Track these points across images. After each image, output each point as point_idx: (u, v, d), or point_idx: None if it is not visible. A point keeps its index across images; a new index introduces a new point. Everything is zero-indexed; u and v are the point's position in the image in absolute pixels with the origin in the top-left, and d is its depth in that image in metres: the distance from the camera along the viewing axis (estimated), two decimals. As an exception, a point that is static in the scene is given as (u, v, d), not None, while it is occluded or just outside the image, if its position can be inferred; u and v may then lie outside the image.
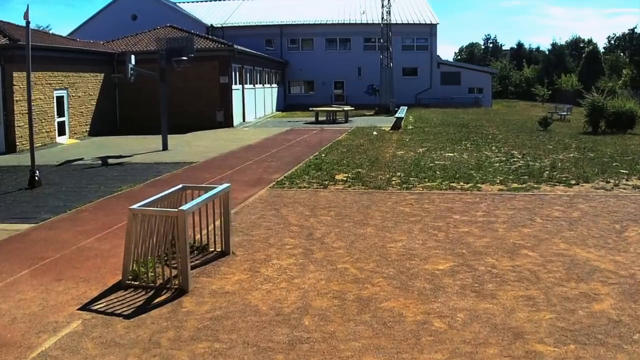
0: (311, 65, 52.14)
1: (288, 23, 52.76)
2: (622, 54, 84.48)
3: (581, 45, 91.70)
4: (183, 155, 20.17)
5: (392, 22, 44.29)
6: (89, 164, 18.82)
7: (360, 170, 15.59)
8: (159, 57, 21.42)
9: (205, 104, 32.07)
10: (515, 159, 17.61)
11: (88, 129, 29.79)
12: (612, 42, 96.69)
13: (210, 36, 33.47)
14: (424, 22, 52.39)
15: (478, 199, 11.89)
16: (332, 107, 36.18)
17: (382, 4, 44.22)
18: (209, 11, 56.94)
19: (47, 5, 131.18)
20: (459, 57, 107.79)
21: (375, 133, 26.06)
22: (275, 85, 47.79)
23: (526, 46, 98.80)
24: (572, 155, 18.57)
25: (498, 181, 13.78)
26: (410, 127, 29.24)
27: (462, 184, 13.53)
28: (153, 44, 33.16)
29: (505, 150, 19.82)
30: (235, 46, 32.38)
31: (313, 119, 34.79)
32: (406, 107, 39.06)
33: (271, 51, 52.14)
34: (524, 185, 13.24)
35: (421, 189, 12.98)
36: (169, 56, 21.07)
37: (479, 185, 13.31)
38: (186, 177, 15.29)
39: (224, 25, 53.22)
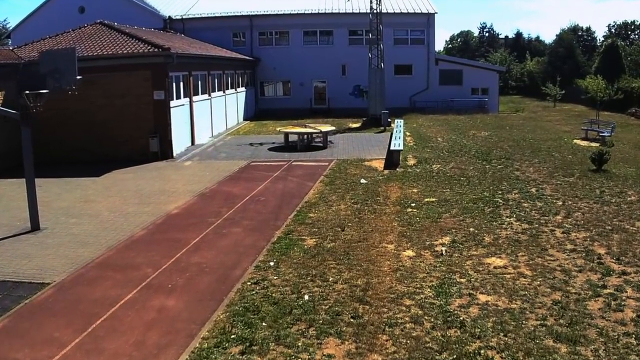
0: (287, 62, 43.85)
1: (259, 13, 44.27)
2: (623, 43, 76.75)
3: (579, 34, 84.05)
4: (45, 254, 12.06)
5: (382, 11, 35.93)
6: None
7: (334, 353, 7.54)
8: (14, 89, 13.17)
9: (135, 129, 23.83)
10: (618, 283, 9.66)
11: (-15, 167, 21.61)
12: (613, 30, 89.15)
13: (143, 37, 25.04)
14: (419, 11, 44.10)
15: None
16: (306, 126, 27.92)
17: (371, -10, 35.87)
18: (169, 0, 48.08)
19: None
20: (449, 45, 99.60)
21: (363, 181, 17.97)
22: (242, 88, 39.47)
23: (525, 35, 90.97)
24: (703, 258, 10.67)
25: None
26: (412, 163, 21.17)
27: None
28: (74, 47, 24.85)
29: (580, 241, 11.84)
30: (173, 50, 23.97)
31: (288, 130, 26.63)
32: (402, 121, 31.02)
33: (240, 47, 43.86)
34: None
35: None
36: (23, 86, 12.80)
37: None
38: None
39: (184, 16, 44.65)
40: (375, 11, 35.17)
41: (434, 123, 35.23)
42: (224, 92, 33.84)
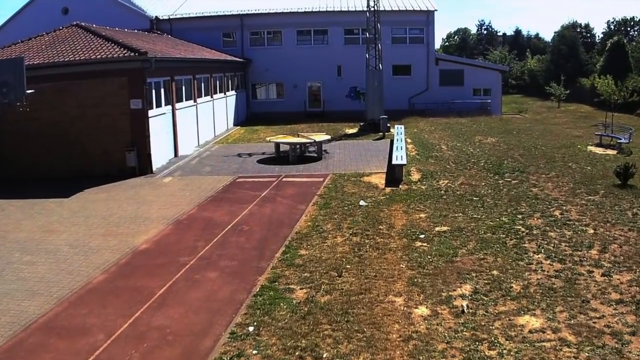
0: (279, 63, 41.69)
1: (250, 12, 42.08)
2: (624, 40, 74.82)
3: (578, 30, 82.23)
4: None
5: (380, 8, 33.66)
6: None
7: None
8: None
9: (111, 142, 21.69)
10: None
11: None
12: (612, 27, 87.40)
13: (120, 40, 22.71)
14: (418, 8, 41.96)
15: None
16: (298, 135, 25.59)
17: (367, -13, 33.63)
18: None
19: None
20: (446, 43, 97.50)
21: (363, 203, 15.86)
22: (232, 92, 37.33)
23: (524, 32, 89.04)
24: None
25: None
26: (416, 178, 19.08)
27: None
28: (46, 52, 22.71)
29: (625, 287, 9.79)
30: (151, 54, 21.77)
31: (278, 140, 24.44)
32: (402, 127, 28.92)
33: (230, 48, 41.75)
34: None
35: None
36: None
37: None
38: None
39: (171, 17, 42.40)
40: (372, 9, 33.05)
41: (435, 127, 33.18)
42: (211, 97, 31.69)
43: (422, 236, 12.70)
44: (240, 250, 12.33)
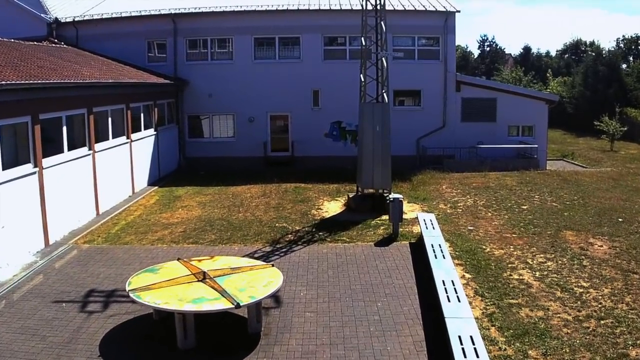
0: (229, 86, 28.40)
1: (186, 11, 28.60)
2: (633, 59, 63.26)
3: (583, 48, 70.84)
4: None
5: (376, 7, 20.08)
6: None
7: None
8: None
9: None
10: None
11: None
12: (621, 45, 76.07)
13: None
14: (432, 8, 28.83)
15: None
16: (205, 278, 10.67)
17: (362, -29, 20.23)
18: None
19: None
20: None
21: None
22: (147, 132, 23.78)
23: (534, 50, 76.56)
24: None
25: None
26: None
27: None
28: None
29: None
30: None
31: (157, 305, 10.54)
32: (434, 221, 15.40)
33: (159, 63, 28.58)
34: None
35: None
36: None
37: None
38: None
39: (77, 19, 28.70)
40: (378, 5, 19.57)
41: (474, 199, 19.94)
42: (90, 148, 17.92)
43: None
44: None
